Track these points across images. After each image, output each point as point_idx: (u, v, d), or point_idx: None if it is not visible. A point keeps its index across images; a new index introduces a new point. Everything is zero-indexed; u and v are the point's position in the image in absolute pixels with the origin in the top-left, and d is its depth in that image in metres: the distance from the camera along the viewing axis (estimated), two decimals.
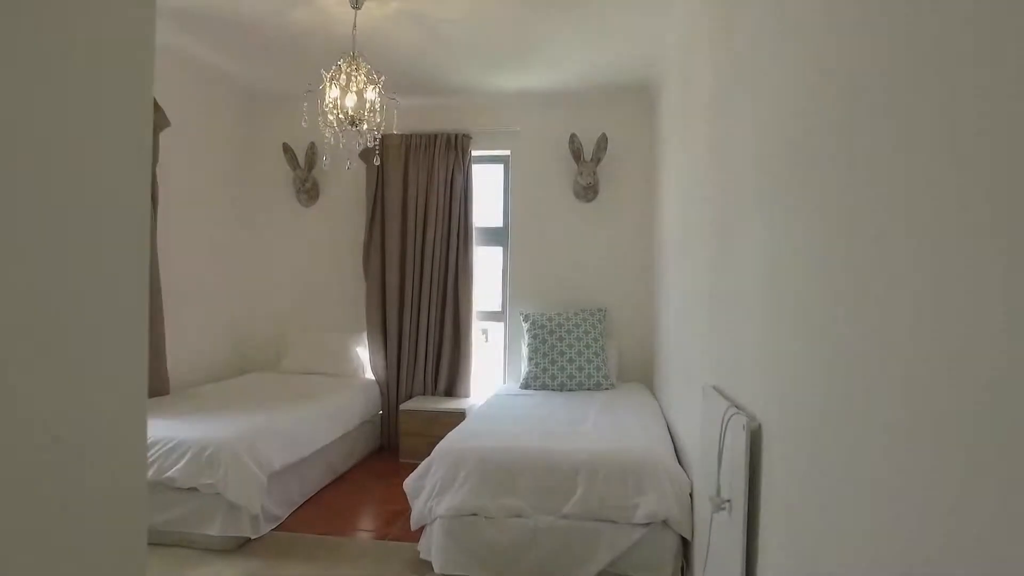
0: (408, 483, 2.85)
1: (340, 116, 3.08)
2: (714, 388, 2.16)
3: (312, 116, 3.29)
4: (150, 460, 2.93)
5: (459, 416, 4.43)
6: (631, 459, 2.71)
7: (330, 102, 3.05)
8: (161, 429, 3.06)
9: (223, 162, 4.83)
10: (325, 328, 5.10)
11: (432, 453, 2.85)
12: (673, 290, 3.56)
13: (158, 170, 3.88)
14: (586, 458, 2.72)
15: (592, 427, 3.28)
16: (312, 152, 4.92)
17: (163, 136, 3.99)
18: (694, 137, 2.78)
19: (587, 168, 4.71)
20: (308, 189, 4.97)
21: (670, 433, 3.31)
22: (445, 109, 4.97)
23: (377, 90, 3.16)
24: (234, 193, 4.99)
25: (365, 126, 3.20)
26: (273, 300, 5.18)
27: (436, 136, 4.82)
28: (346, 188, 5.09)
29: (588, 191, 4.85)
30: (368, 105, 3.11)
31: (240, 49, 4.00)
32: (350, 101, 3.14)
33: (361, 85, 3.15)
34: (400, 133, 4.86)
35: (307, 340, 4.92)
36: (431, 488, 2.76)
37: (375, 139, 3.25)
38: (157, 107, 3.85)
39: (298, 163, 4.93)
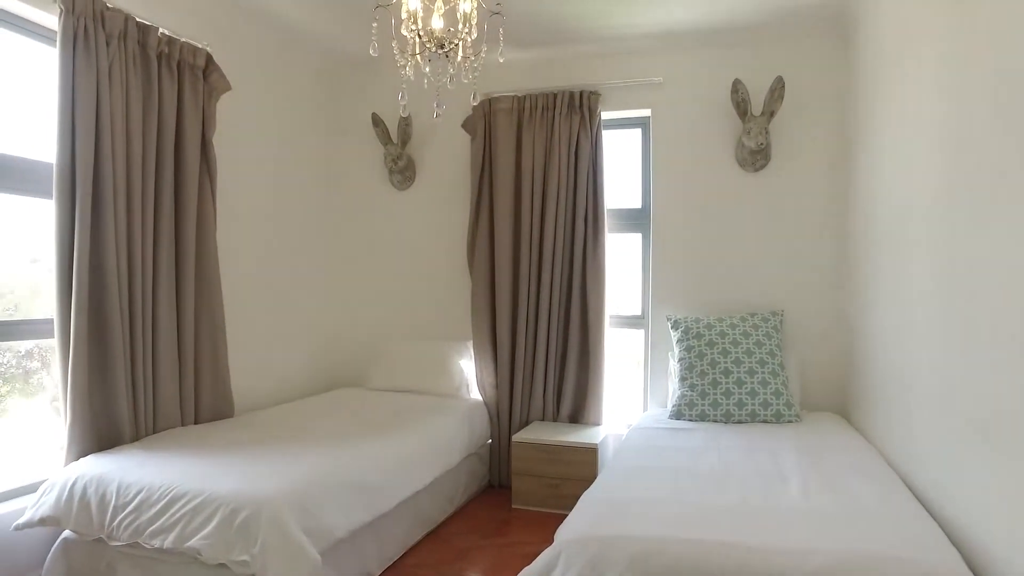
0: None
1: (422, 37, 2.14)
2: None
3: (384, 40, 2.38)
4: (170, 521, 2.14)
5: (588, 452, 3.40)
6: (906, 573, 1.55)
7: (408, 16, 2.12)
8: (190, 476, 2.26)
9: (301, 136, 4.08)
10: (423, 336, 4.24)
11: (556, 541, 1.83)
12: (941, 284, 2.32)
13: (216, 140, 3.16)
14: (822, 566, 1.59)
15: (801, 494, 2.12)
16: (406, 124, 4.07)
17: (223, 103, 3.27)
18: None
19: (756, 125, 3.51)
20: (402, 168, 4.13)
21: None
22: (566, 61, 3.96)
23: (474, 0, 2.20)
24: (315, 174, 4.24)
25: (460, 54, 2.24)
26: (363, 302, 4.39)
27: (556, 95, 3.82)
28: (447, 165, 4.21)
29: (757, 156, 3.66)
30: (462, 17, 2.15)
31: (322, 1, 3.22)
32: (437, 22, 2.21)
33: None
34: (511, 95, 3.90)
35: (401, 351, 4.07)
36: None
37: (474, 71, 2.29)
38: (215, 67, 3.13)
39: (390, 137, 4.11)
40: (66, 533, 2.41)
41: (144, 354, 2.79)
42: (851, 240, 3.44)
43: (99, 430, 2.66)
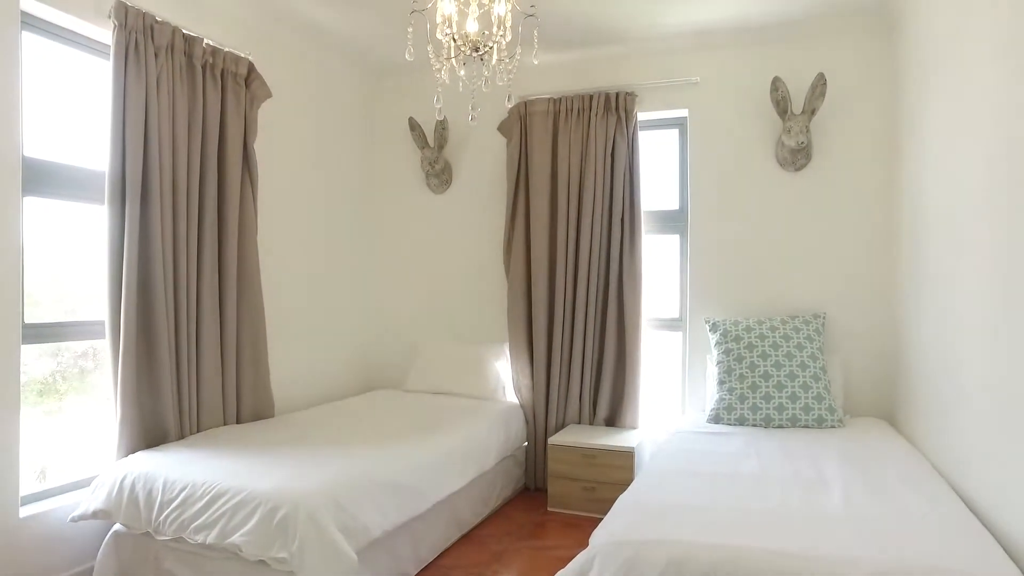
0: None
1: (456, 40, 2.16)
2: None
3: (419, 44, 2.41)
4: (213, 517, 2.19)
5: (624, 456, 3.37)
6: None
7: (443, 20, 2.15)
8: (232, 474, 2.32)
9: (339, 141, 4.16)
10: (459, 338, 4.27)
11: (591, 544, 1.82)
12: (994, 282, 2.23)
13: (256, 146, 3.24)
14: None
15: (844, 500, 2.06)
16: (443, 128, 4.11)
17: (264, 109, 3.36)
18: None
19: (796, 123, 3.44)
20: (439, 172, 4.17)
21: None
22: (602, 62, 3.94)
23: (508, 2, 2.21)
24: (353, 178, 4.32)
25: (495, 57, 2.26)
26: (400, 305, 4.44)
27: (591, 97, 3.81)
28: (483, 168, 4.23)
29: (797, 155, 3.58)
30: (496, 20, 2.16)
31: (359, 6, 3.26)
32: (472, 25, 2.22)
33: (486, 0, 2.22)
34: (546, 97, 3.91)
35: (437, 353, 4.10)
36: None
37: (509, 74, 2.30)
38: (256, 75, 3.21)
39: (427, 141, 4.15)
40: (117, 526, 2.50)
41: (189, 356, 2.87)
42: (897, 239, 3.34)
43: (147, 428, 2.75)
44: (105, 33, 2.68)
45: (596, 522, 3.29)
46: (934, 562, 1.57)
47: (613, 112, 3.77)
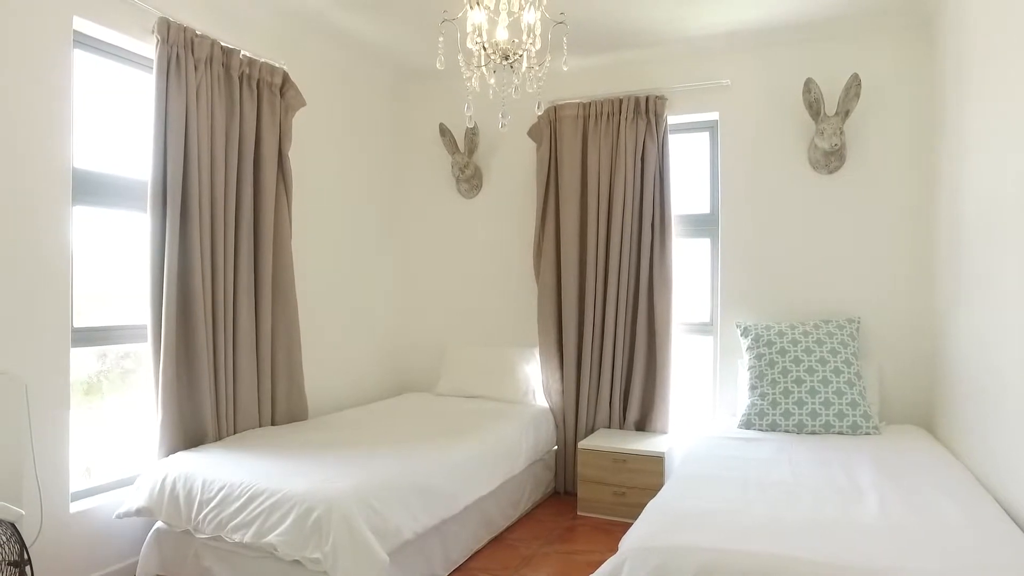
0: None
1: (486, 49, 2.19)
2: None
3: (450, 53, 2.44)
4: (250, 517, 2.25)
5: (654, 461, 3.36)
6: None
7: (473, 29, 2.18)
8: (268, 475, 2.38)
9: (371, 148, 4.23)
10: (490, 342, 4.30)
11: (621, 549, 1.82)
12: None
13: (291, 153, 3.32)
14: None
15: (879, 509, 2.03)
16: (473, 134, 4.15)
17: (298, 117, 3.44)
18: None
19: (830, 125, 3.39)
20: (469, 177, 4.21)
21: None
22: (631, 65, 3.94)
23: (538, 10, 2.23)
24: (384, 183, 4.38)
25: (524, 65, 2.28)
26: (431, 309, 4.49)
27: (621, 101, 3.80)
28: (513, 173, 4.26)
29: (831, 157, 3.53)
30: (526, 28, 2.18)
31: (390, 14, 3.31)
32: (502, 33, 2.25)
33: (515, 8, 2.24)
34: (576, 101, 3.91)
35: (467, 357, 4.14)
36: None
37: (539, 81, 2.32)
38: (291, 84, 3.29)
39: (457, 146, 4.19)
40: (159, 524, 2.58)
41: (226, 359, 2.95)
42: (934, 242, 3.27)
43: (186, 429, 2.83)
44: (148, 48, 2.78)
45: (626, 527, 3.29)
46: (974, 575, 1.54)
47: (643, 116, 3.76)
